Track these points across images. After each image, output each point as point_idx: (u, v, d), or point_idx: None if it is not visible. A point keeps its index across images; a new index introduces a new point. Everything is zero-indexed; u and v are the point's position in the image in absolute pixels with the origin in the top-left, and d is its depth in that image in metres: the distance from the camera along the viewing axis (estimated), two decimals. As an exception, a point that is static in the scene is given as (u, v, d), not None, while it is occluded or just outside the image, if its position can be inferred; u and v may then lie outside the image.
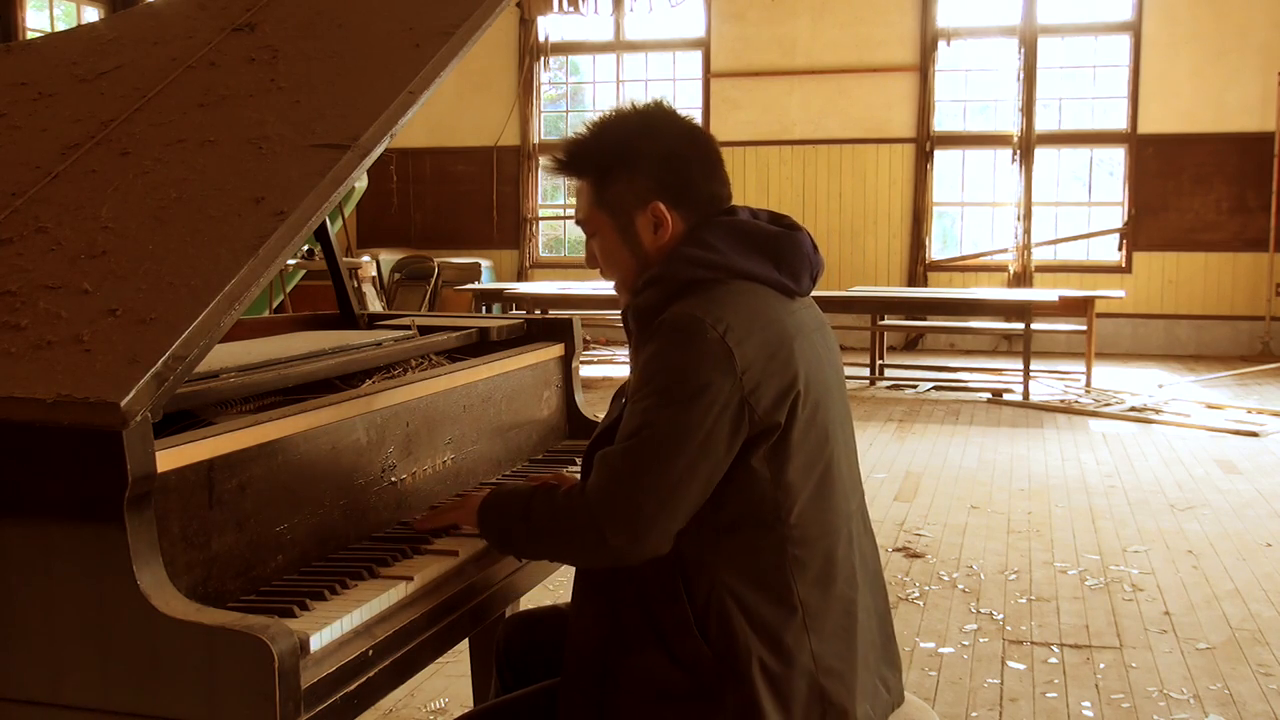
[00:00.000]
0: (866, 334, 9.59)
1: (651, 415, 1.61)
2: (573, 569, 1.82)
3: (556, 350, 2.64)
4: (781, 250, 1.75)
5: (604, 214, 1.80)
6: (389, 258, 11.66)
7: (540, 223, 13.04)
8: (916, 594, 4.14)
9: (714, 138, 1.85)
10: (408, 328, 2.47)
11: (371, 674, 1.50)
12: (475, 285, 10.67)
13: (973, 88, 11.96)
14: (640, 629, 1.68)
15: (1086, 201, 11.85)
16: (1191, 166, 11.22)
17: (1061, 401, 8.41)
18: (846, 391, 1.86)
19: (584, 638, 1.74)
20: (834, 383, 1.78)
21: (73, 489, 1.34)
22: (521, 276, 12.67)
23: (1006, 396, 8.65)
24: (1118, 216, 11.57)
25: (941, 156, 11.87)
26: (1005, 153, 11.69)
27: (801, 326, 1.74)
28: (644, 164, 1.76)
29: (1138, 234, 11.40)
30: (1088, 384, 9.12)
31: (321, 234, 2.64)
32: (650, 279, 1.73)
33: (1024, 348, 8.70)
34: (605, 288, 10.06)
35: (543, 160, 12.73)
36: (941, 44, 11.72)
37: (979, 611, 3.97)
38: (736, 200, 1.85)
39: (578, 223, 1.87)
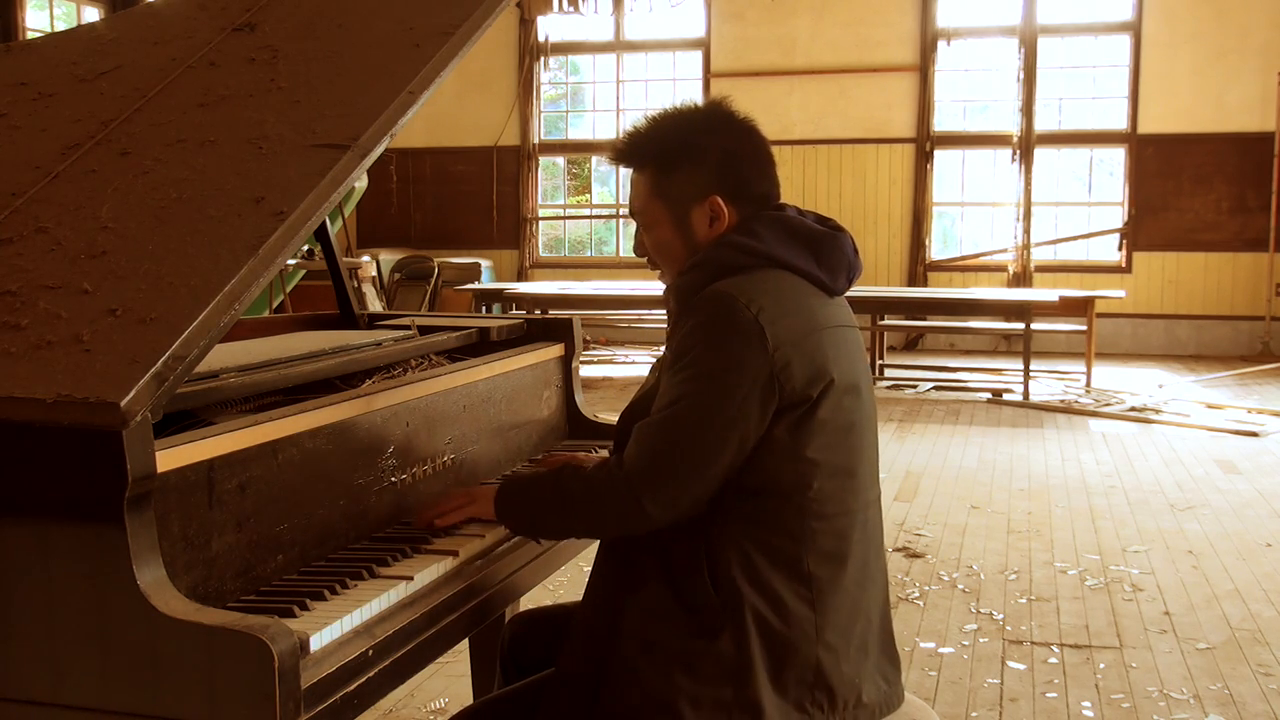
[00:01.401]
0: (867, 334, 9.59)
1: (686, 388, 1.69)
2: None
3: (556, 350, 2.64)
4: (823, 248, 1.81)
5: (661, 205, 1.85)
6: (389, 258, 11.66)
7: (540, 223, 13.04)
8: (916, 594, 4.14)
9: (766, 139, 1.90)
10: (408, 328, 2.47)
11: (371, 674, 1.50)
12: (475, 285, 10.67)
13: (973, 88, 11.96)
14: (654, 572, 1.73)
15: (1086, 201, 11.85)
16: (1191, 166, 11.22)
17: (1061, 401, 8.41)
18: (873, 392, 1.91)
19: (600, 588, 1.80)
20: (862, 378, 1.84)
21: (73, 489, 1.33)
22: (521, 276, 12.67)
23: (1006, 396, 8.65)
24: (1118, 216, 11.57)
25: (941, 156, 11.87)
26: (1005, 153, 11.70)
27: (832, 320, 1.79)
28: (706, 159, 1.83)
29: (1138, 234, 11.40)
30: (1088, 384, 9.12)
31: (321, 234, 2.64)
32: (695, 263, 1.80)
33: (1024, 348, 8.71)
34: (606, 288, 10.10)
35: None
36: (941, 44, 11.73)
37: (979, 611, 3.97)
38: None
39: (633, 213, 1.92)
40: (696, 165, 1.82)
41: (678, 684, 1.67)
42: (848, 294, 1.88)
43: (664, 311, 1.92)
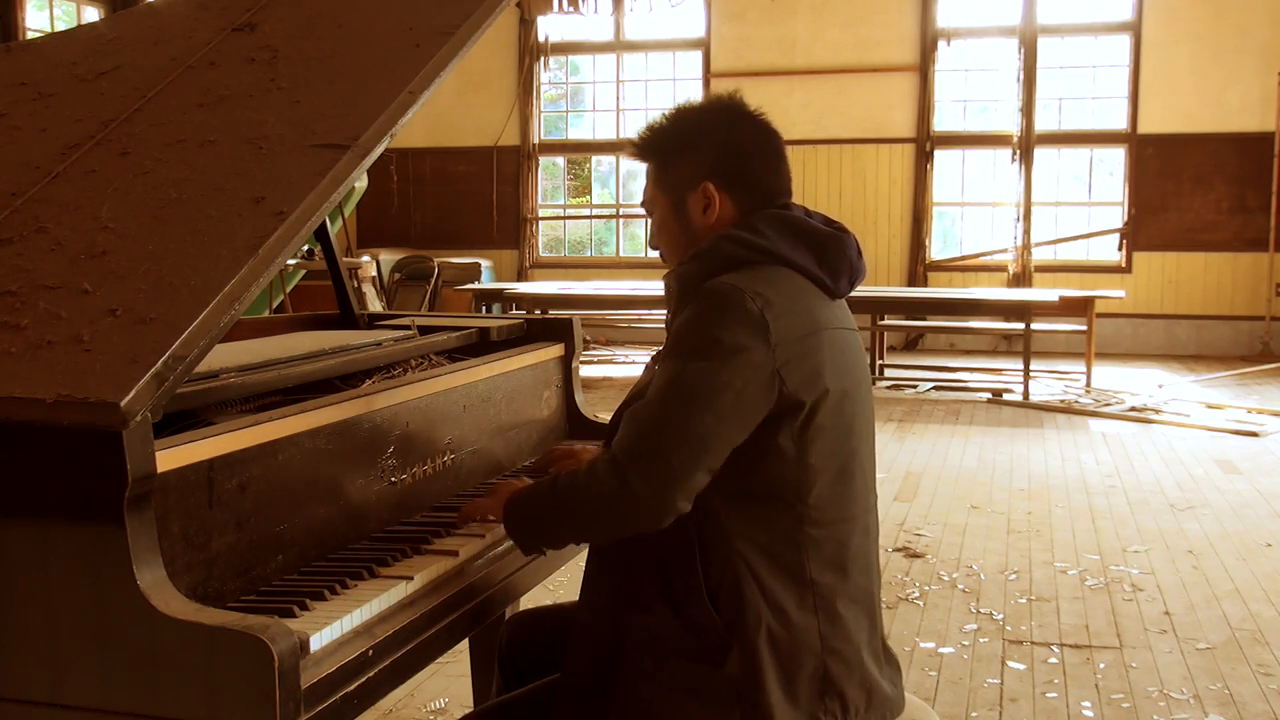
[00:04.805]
0: (867, 334, 9.59)
1: (682, 370, 1.65)
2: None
3: (556, 350, 2.64)
4: (826, 248, 1.79)
5: (661, 193, 1.87)
6: (389, 258, 11.66)
7: (540, 223, 13.04)
8: (916, 594, 4.14)
9: (781, 137, 1.88)
10: (408, 328, 2.47)
11: (371, 674, 1.50)
12: (475, 285, 10.66)
13: (973, 88, 11.96)
14: (652, 592, 1.70)
15: (1086, 201, 11.85)
16: (1191, 166, 11.22)
17: (1061, 401, 8.41)
18: (871, 394, 1.90)
19: (596, 598, 1.78)
20: (861, 380, 1.82)
21: (73, 489, 1.33)
22: (521, 276, 12.67)
23: (1006, 396, 8.65)
24: (1118, 216, 11.57)
25: (941, 156, 11.87)
26: (1005, 153, 11.69)
27: (832, 322, 1.77)
28: (702, 147, 1.83)
29: (1138, 234, 11.40)
30: (1088, 384, 9.12)
31: (321, 234, 2.64)
32: (697, 253, 1.79)
33: (1024, 348, 8.71)
34: (606, 288, 10.10)
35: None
36: (941, 44, 11.72)
37: (979, 611, 3.97)
38: None
39: (643, 205, 1.94)
40: (693, 153, 1.83)
41: (684, 708, 1.66)
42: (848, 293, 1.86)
43: (664, 311, 1.90)
